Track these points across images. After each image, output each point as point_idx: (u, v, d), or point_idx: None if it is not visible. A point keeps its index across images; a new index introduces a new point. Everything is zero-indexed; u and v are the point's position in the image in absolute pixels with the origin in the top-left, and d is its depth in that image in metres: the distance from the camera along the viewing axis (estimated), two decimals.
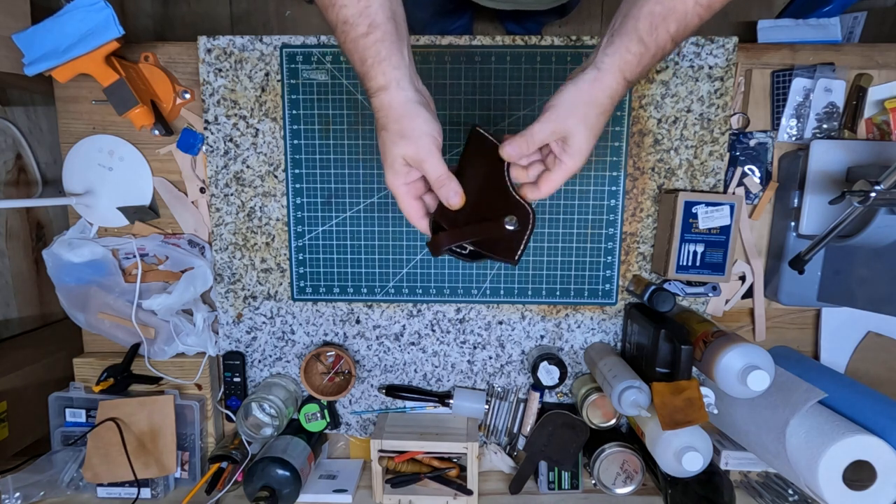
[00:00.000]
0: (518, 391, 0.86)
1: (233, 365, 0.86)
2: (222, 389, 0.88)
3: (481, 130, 0.53)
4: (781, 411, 0.67)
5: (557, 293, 0.83)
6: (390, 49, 0.47)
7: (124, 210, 0.81)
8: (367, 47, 0.47)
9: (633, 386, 0.68)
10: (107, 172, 0.82)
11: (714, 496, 0.73)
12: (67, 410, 0.84)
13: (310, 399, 0.85)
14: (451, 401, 0.84)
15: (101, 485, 0.82)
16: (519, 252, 0.53)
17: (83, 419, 0.84)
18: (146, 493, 0.82)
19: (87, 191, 0.82)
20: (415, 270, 0.83)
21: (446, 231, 0.52)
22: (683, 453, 0.66)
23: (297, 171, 0.81)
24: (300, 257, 0.83)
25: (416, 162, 0.49)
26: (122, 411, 0.81)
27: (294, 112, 0.79)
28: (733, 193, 0.80)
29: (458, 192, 0.50)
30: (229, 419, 0.88)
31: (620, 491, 0.79)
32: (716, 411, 0.71)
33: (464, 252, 0.54)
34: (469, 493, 0.79)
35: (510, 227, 0.52)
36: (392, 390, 0.85)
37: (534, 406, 0.83)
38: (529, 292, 0.83)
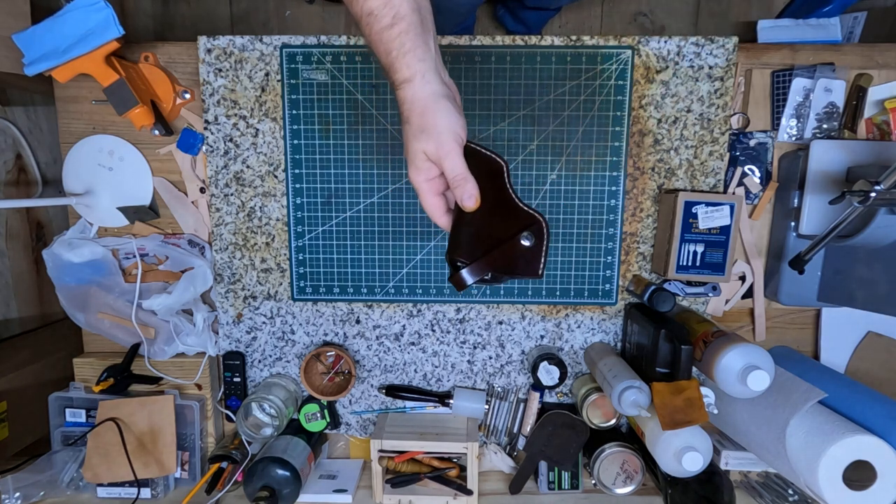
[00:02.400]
0: (518, 391, 0.86)
1: (233, 365, 0.86)
2: (222, 389, 0.88)
3: (473, 145, 0.51)
4: (781, 411, 0.67)
5: (557, 293, 0.83)
6: (415, 41, 0.46)
7: (124, 210, 0.81)
8: (392, 39, 0.46)
9: (633, 386, 0.68)
10: (107, 172, 0.82)
11: (714, 496, 0.73)
12: (67, 410, 0.84)
13: (310, 399, 0.85)
14: (451, 401, 0.84)
15: (101, 485, 0.82)
16: (541, 266, 0.52)
17: (83, 419, 0.84)
18: (146, 493, 0.82)
19: (87, 191, 0.82)
20: (415, 270, 0.83)
21: (466, 266, 0.51)
22: (683, 453, 0.66)
23: (297, 171, 0.81)
24: (300, 257, 0.83)
25: (435, 158, 0.48)
26: (122, 411, 0.81)
27: (294, 112, 0.79)
28: (733, 193, 0.80)
29: (473, 194, 0.49)
30: (229, 419, 0.88)
31: (620, 491, 0.79)
32: (716, 411, 0.71)
33: (487, 278, 0.53)
34: (469, 493, 0.79)
35: (526, 243, 0.51)
36: (392, 390, 0.85)
37: (534, 406, 0.83)
38: (529, 292, 0.83)
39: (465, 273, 0.50)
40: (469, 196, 0.49)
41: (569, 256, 0.82)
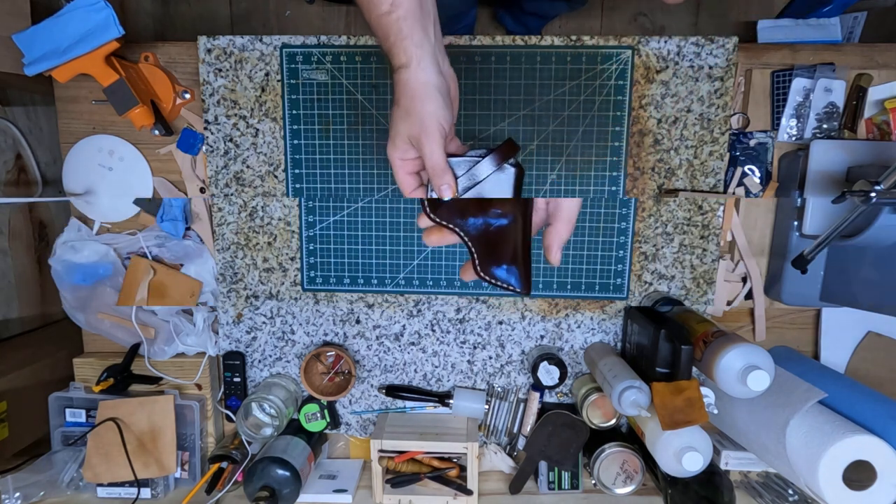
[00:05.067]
0: (518, 391, 0.86)
1: (233, 365, 0.86)
2: (222, 389, 0.88)
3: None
4: (781, 411, 0.67)
5: (569, 287, 0.82)
6: (413, 26, 0.47)
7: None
8: (390, 25, 0.47)
9: (633, 386, 0.68)
10: (107, 172, 0.82)
11: (714, 496, 0.73)
12: (67, 410, 0.84)
13: (310, 399, 0.85)
14: (451, 401, 0.84)
15: (101, 485, 0.82)
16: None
17: (83, 419, 0.84)
18: (146, 493, 0.82)
19: (87, 191, 0.82)
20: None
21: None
22: (683, 453, 0.66)
23: (297, 171, 0.81)
24: (311, 247, 0.83)
25: (417, 143, 0.49)
26: (122, 411, 0.81)
27: (294, 112, 0.79)
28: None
29: (450, 185, 0.49)
30: (229, 419, 0.88)
31: (620, 491, 0.79)
32: (716, 411, 0.71)
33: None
34: (469, 493, 0.79)
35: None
36: (392, 390, 0.85)
37: (534, 406, 0.83)
38: (541, 286, 0.82)
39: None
40: (447, 187, 0.49)
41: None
